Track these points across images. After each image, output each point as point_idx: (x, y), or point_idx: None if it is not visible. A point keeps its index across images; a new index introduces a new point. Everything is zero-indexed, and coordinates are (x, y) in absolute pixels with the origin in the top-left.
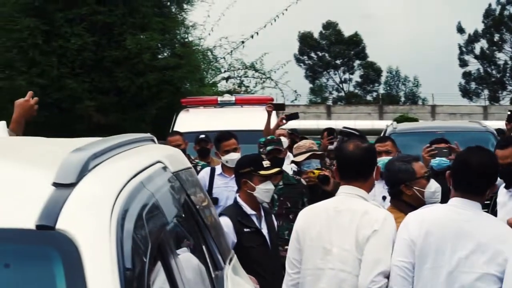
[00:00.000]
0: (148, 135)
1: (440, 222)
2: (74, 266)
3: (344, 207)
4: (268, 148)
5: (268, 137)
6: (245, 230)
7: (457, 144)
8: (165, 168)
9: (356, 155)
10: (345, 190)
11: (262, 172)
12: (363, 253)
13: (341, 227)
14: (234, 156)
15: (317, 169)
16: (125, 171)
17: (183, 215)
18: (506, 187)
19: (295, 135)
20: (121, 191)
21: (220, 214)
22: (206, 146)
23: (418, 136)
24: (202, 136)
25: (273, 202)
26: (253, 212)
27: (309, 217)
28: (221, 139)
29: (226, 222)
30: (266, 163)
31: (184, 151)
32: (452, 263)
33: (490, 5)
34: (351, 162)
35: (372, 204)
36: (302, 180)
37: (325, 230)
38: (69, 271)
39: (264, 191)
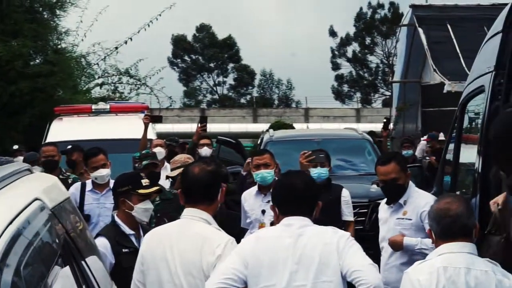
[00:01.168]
0: (24, 165)
1: (271, 241)
2: None
3: (187, 231)
4: (144, 162)
5: (143, 152)
6: (123, 250)
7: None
8: (43, 206)
9: (201, 178)
10: (189, 213)
11: (141, 191)
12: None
13: (185, 252)
14: (103, 173)
15: None
16: (0, 218)
17: (63, 258)
18: (387, 203)
19: (173, 145)
20: None
21: (98, 235)
22: (71, 157)
23: (295, 145)
24: (69, 146)
25: (150, 219)
26: (132, 232)
27: (153, 241)
28: (88, 156)
29: (103, 243)
30: (145, 181)
31: (57, 162)
32: (284, 279)
33: (361, 8)
34: (196, 185)
35: (215, 228)
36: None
37: (169, 254)
38: None
39: (143, 210)
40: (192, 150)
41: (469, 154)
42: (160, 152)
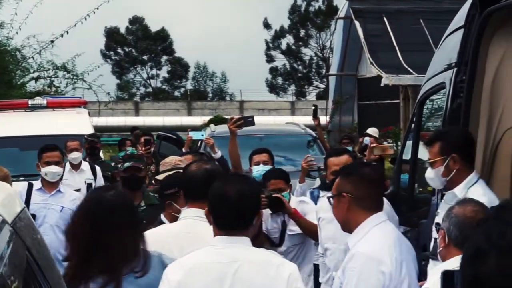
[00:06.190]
0: None
1: (203, 268)
2: None
3: (195, 231)
4: (126, 164)
5: (128, 152)
6: None
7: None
8: (3, 222)
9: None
10: (191, 214)
11: None
12: None
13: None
14: (55, 169)
15: None
16: None
17: (27, 281)
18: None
19: (95, 141)
20: None
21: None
22: None
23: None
24: None
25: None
26: None
27: (158, 242)
28: (44, 150)
29: None
30: None
31: None
32: None
33: (295, 1)
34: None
35: None
36: None
37: (177, 254)
38: None
39: None
40: None
41: None
42: (75, 158)
